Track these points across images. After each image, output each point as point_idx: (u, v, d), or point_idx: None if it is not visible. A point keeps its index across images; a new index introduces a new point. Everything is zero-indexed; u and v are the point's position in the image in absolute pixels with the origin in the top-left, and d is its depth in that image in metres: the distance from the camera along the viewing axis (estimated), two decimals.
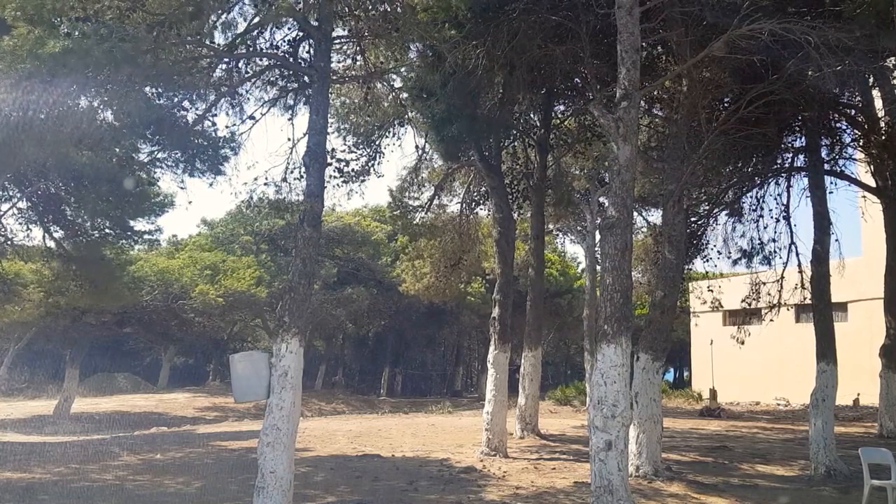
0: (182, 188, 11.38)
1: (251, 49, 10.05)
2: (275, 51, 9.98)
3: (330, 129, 12.86)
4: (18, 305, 19.11)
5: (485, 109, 12.61)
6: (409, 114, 14.62)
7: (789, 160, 14.02)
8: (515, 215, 17.12)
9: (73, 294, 18.12)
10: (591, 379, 9.33)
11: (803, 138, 13.03)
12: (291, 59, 9.78)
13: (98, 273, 16.89)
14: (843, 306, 22.98)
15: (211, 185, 10.98)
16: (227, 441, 15.52)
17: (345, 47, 11.72)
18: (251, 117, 10.85)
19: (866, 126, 13.69)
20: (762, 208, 14.96)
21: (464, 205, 19.06)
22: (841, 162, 14.49)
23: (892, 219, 14.80)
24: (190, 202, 25.45)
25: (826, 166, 13.19)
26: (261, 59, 10.41)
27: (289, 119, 11.10)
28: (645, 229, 22.89)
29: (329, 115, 10.37)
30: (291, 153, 11.24)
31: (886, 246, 15.19)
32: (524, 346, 15.74)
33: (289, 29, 9.98)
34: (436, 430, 17.44)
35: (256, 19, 9.62)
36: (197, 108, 10.36)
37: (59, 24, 6.89)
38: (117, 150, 10.20)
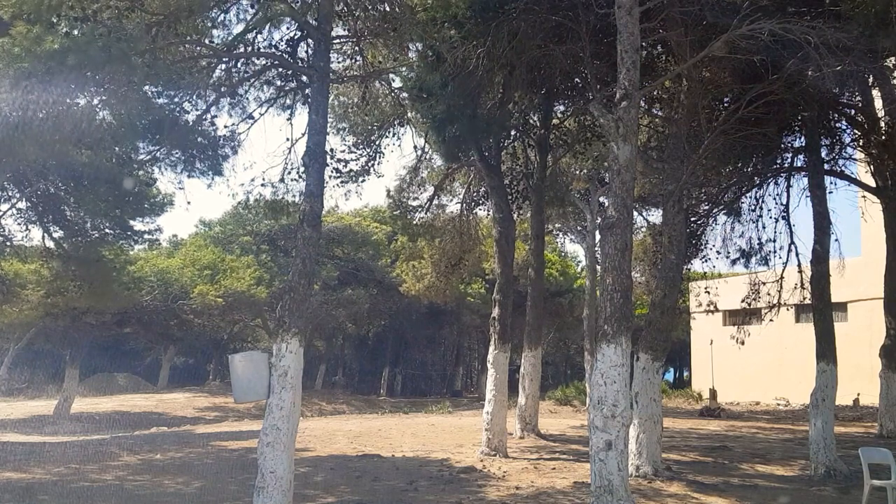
0: (180, 188, 11.36)
1: (250, 49, 10.06)
2: (273, 50, 9.98)
3: (329, 129, 12.87)
4: (17, 306, 19.08)
5: (485, 109, 12.60)
6: (409, 114, 14.63)
7: (789, 160, 14.02)
8: (515, 215, 17.13)
9: (72, 294, 18.10)
10: (591, 379, 9.33)
11: (803, 138, 13.01)
12: (290, 59, 9.78)
13: (97, 273, 16.88)
14: (843, 306, 22.95)
15: (210, 185, 10.99)
16: (227, 441, 15.52)
17: (344, 47, 11.74)
18: (250, 117, 10.88)
19: (866, 126, 13.67)
20: (762, 208, 14.98)
21: (463, 205, 19.06)
22: (841, 162, 14.48)
23: (892, 219, 14.78)
24: (189, 203, 25.39)
25: (826, 166, 13.18)
26: (259, 59, 10.42)
27: (287, 119, 11.13)
28: (645, 229, 22.90)
29: (328, 115, 10.38)
30: (290, 153, 11.25)
31: (886, 246, 15.17)
32: (524, 346, 15.73)
33: (287, 28, 10.01)
34: (436, 430, 17.43)
35: (255, 19, 9.63)
36: (196, 108, 10.38)
37: (58, 23, 6.89)
38: (117, 149, 10.20)
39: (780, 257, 14.78)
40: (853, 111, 13.84)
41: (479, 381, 37.14)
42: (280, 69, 10.50)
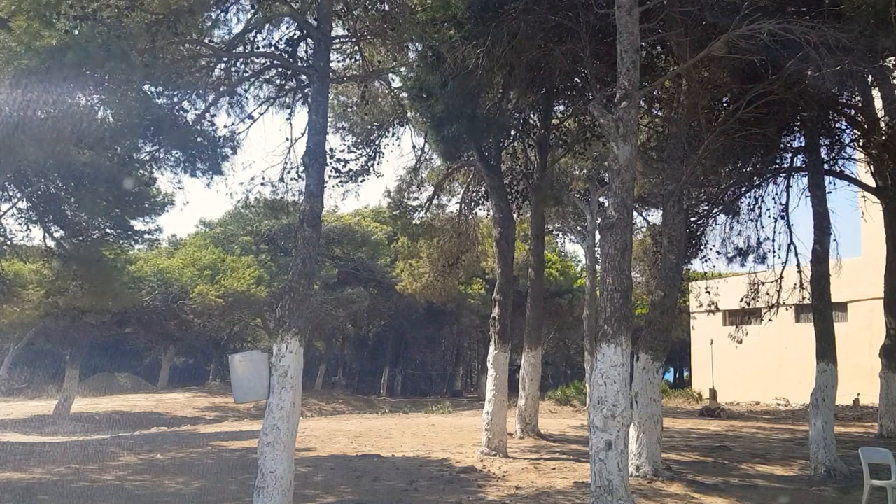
0: (180, 188, 11.38)
1: (250, 48, 10.06)
2: (273, 50, 9.98)
3: (328, 129, 12.86)
4: (18, 306, 19.07)
5: (484, 109, 12.60)
6: (409, 114, 14.63)
7: (789, 160, 14.02)
8: (515, 215, 17.12)
9: (72, 294, 18.09)
10: (591, 379, 9.33)
11: (803, 138, 13.02)
12: (290, 59, 9.78)
13: (98, 273, 16.87)
14: (843, 306, 22.95)
15: (209, 184, 10.99)
16: (227, 441, 15.52)
17: (344, 46, 11.74)
18: (250, 116, 10.88)
19: (866, 126, 13.67)
20: (761, 208, 14.97)
21: (462, 205, 19.06)
22: (841, 162, 14.47)
23: (892, 219, 14.78)
24: (187, 202, 25.40)
25: (826, 166, 13.18)
26: (259, 59, 10.42)
27: (287, 118, 11.13)
28: (645, 229, 22.89)
29: (327, 114, 10.37)
30: (289, 153, 11.27)
31: (886, 246, 15.17)
32: (524, 346, 15.73)
33: (287, 28, 10.01)
34: (436, 430, 17.43)
35: (255, 18, 9.63)
36: (196, 108, 10.38)
37: (57, 22, 6.89)
38: (117, 149, 10.20)
39: (779, 256, 14.80)
40: (853, 111, 13.84)
41: (479, 381, 37.14)
42: (280, 69, 10.51)
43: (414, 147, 18.02)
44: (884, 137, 13.32)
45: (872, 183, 14.80)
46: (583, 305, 24.55)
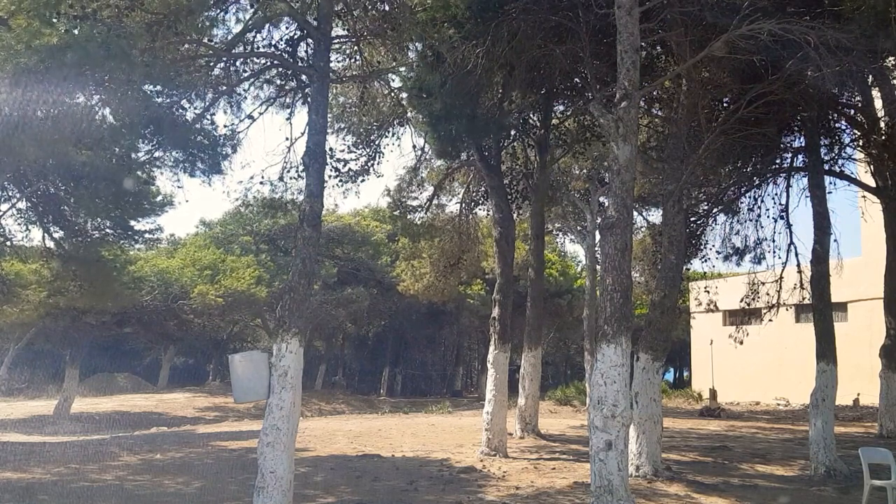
0: (179, 188, 11.40)
1: (249, 48, 10.06)
2: (273, 50, 9.99)
3: (328, 129, 12.88)
4: (18, 306, 19.07)
5: (484, 109, 12.60)
6: (409, 113, 14.64)
7: (789, 160, 14.02)
8: (515, 215, 17.12)
9: (72, 294, 18.08)
10: (591, 379, 9.33)
11: (803, 138, 13.02)
12: (290, 59, 9.79)
13: (98, 273, 16.87)
14: (843, 306, 22.96)
15: (207, 183, 10.99)
16: (227, 441, 15.51)
17: (343, 47, 11.74)
18: (250, 116, 10.89)
19: (866, 126, 13.67)
20: (761, 208, 14.97)
21: (462, 205, 19.07)
22: (841, 162, 14.48)
23: (892, 219, 14.78)
24: (187, 201, 25.44)
25: (826, 166, 13.18)
26: (259, 59, 10.43)
27: (287, 118, 11.13)
28: (645, 229, 22.89)
29: (327, 114, 10.37)
30: (289, 152, 11.27)
31: (886, 246, 15.17)
32: (524, 346, 15.73)
33: (287, 28, 10.01)
34: (436, 430, 17.43)
35: (254, 18, 9.63)
36: (195, 107, 10.38)
37: (57, 22, 6.89)
38: (116, 149, 10.19)
39: (779, 256, 14.81)
40: (853, 111, 13.84)
41: (479, 381, 37.13)
42: (280, 69, 10.51)
43: (414, 147, 18.04)
44: (884, 137, 13.32)
45: (872, 183, 14.80)
46: (583, 305, 24.55)
